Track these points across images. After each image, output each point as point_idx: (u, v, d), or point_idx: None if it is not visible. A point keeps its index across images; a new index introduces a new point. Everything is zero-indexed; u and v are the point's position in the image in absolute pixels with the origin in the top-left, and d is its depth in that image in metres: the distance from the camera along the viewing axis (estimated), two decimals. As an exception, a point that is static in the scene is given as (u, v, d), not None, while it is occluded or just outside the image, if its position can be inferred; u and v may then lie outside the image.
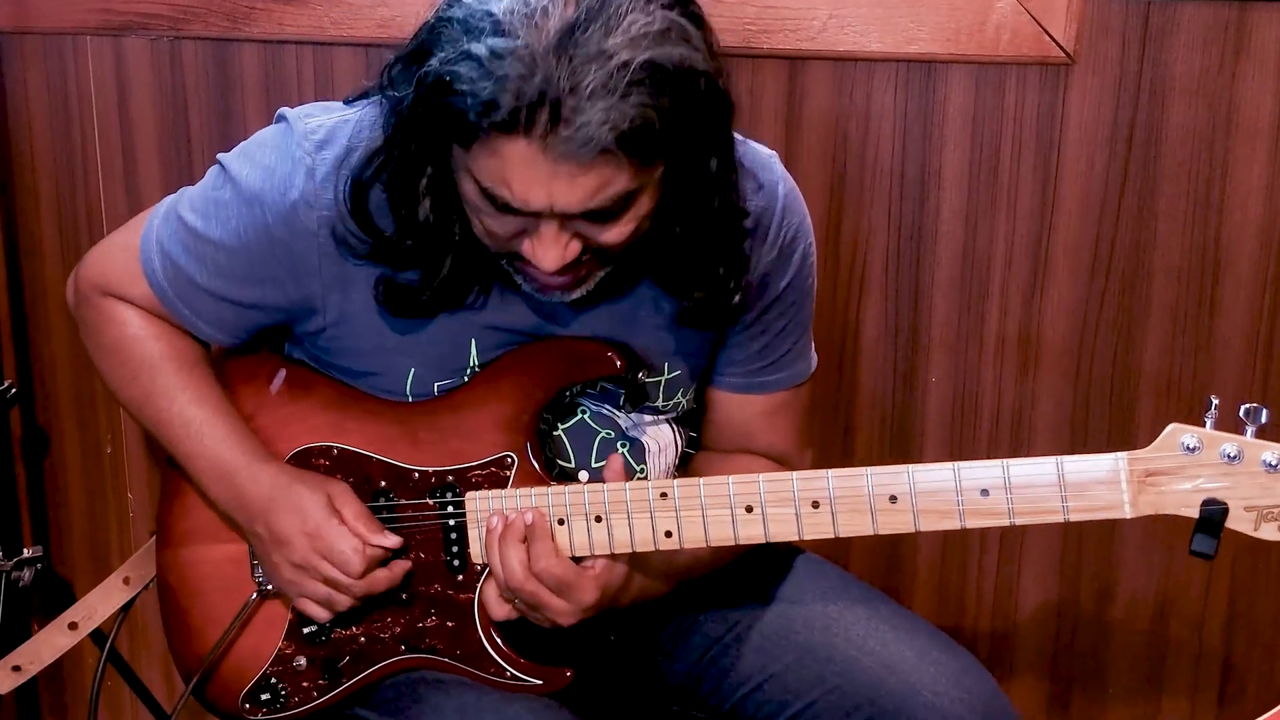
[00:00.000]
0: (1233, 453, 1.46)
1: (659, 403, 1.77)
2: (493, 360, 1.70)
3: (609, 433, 1.77)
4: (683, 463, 1.88)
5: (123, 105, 2.47)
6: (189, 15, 2.38)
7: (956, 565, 2.46)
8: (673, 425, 1.83)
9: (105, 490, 2.65)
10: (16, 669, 2.12)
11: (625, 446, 1.77)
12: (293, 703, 1.77)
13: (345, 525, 1.67)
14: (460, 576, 1.72)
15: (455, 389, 1.71)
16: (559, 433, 1.75)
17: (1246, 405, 1.46)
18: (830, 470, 1.57)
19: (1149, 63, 2.20)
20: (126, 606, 2.07)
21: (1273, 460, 1.46)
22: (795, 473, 1.58)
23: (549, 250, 1.49)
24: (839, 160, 2.31)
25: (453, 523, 1.71)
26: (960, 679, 1.71)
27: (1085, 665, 2.47)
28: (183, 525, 1.83)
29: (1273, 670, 2.41)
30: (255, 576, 1.78)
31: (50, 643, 2.11)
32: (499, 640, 1.71)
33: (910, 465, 1.54)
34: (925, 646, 1.74)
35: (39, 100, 2.48)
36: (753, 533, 1.60)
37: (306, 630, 1.76)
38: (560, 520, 1.64)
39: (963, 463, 1.53)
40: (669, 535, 1.62)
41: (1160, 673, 2.45)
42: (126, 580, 2.07)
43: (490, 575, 1.66)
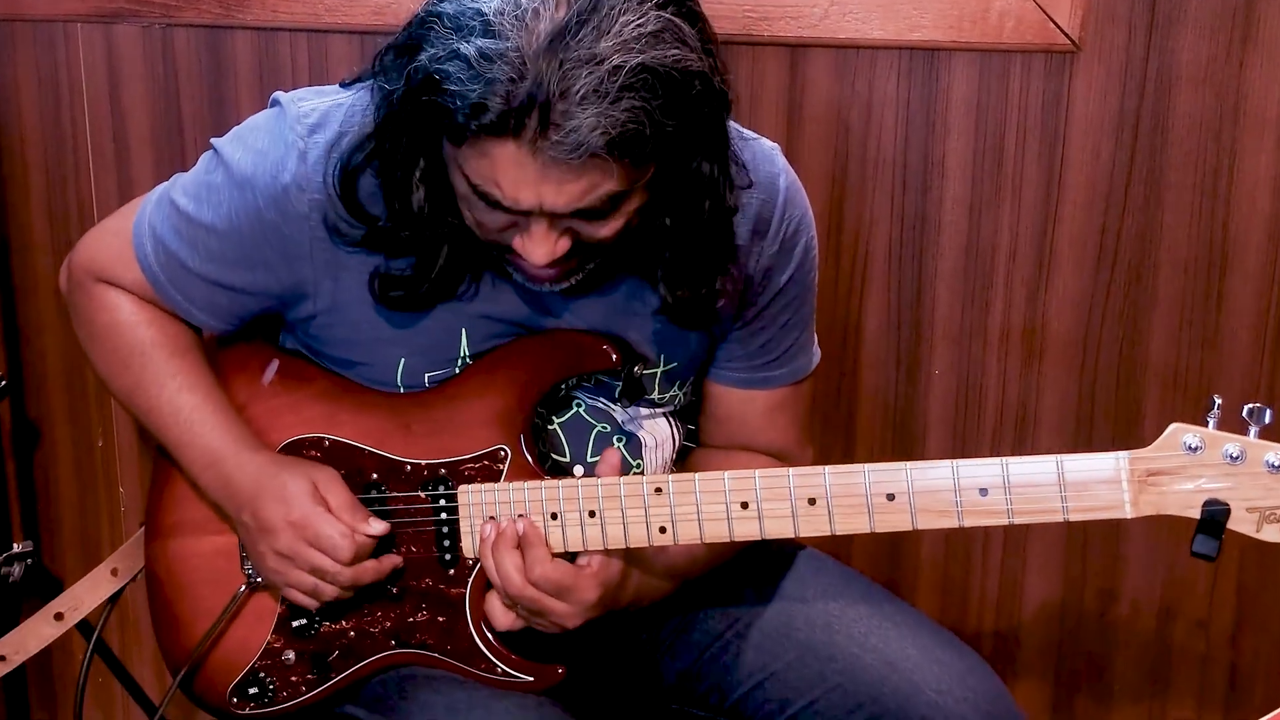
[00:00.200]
0: (1235, 453, 1.46)
1: (655, 394, 1.77)
2: (486, 352, 1.70)
3: (605, 426, 1.76)
4: (681, 457, 1.87)
5: (114, 94, 2.45)
6: (181, 2, 2.36)
7: (960, 561, 2.46)
8: (670, 419, 1.82)
9: (96, 485, 2.64)
10: (1, 659, 2.10)
11: (622, 441, 1.76)
12: (281, 697, 1.76)
13: (331, 513, 1.67)
14: (452, 571, 1.71)
15: (449, 380, 1.71)
16: (554, 427, 1.74)
17: (1250, 405, 1.45)
18: (827, 467, 1.56)
19: (1155, 51, 2.19)
20: (114, 598, 2.05)
21: (1276, 461, 1.45)
22: (792, 469, 1.58)
23: (539, 247, 1.49)
24: (840, 150, 2.30)
25: (445, 516, 1.70)
26: (965, 678, 1.70)
27: (1090, 664, 2.47)
28: (171, 517, 1.83)
29: (1281, 670, 2.42)
30: (244, 569, 1.77)
31: (36, 632, 2.09)
32: (490, 636, 1.70)
33: (908, 463, 1.54)
34: (929, 644, 1.73)
35: (29, 89, 2.47)
36: (748, 530, 1.59)
37: (295, 624, 1.75)
38: (553, 515, 1.63)
39: (961, 461, 1.52)
40: (663, 532, 1.61)
41: (1166, 672, 2.45)
42: (114, 571, 2.05)
43: (491, 585, 1.66)
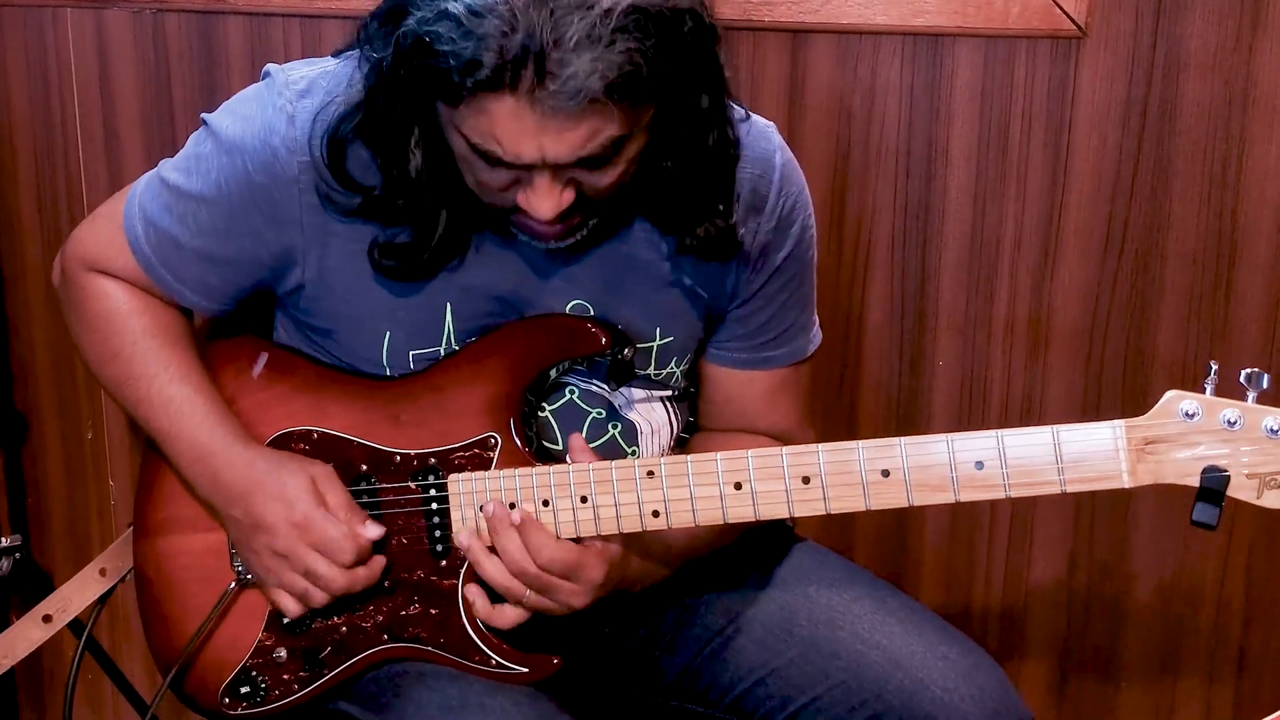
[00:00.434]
0: (1233, 419, 1.44)
1: (652, 371, 1.76)
2: (472, 331, 1.69)
3: (600, 412, 1.75)
4: (680, 447, 1.85)
5: (104, 80, 2.44)
6: (172, -14, 2.37)
7: (964, 551, 2.45)
8: (667, 405, 1.81)
9: (86, 478, 2.63)
10: (-11, 663, 2.09)
11: (617, 427, 1.76)
12: (273, 696, 1.75)
13: (331, 513, 1.66)
14: (444, 562, 1.70)
15: (437, 367, 1.70)
16: (546, 414, 1.74)
17: (1247, 370, 1.44)
18: (821, 445, 1.56)
19: (1163, 37, 2.18)
20: (103, 598, 2.04)
21: (1275, 426, 1.44)
22: (785, 447, 1.57)
23: (544, 200, 1.49)
24: (843, 138, 2.29)
25: (435, 506, 1.69)
26: (971, 675, 1.68)
27: (1096, 655, 2.46)
28: (160, 515, 1.82)
29: (1293, 659, 2.42)
30: (234, 566, 1.76)
31: (24, 636, 2.08)
32: (483, 627, 1.68)
33: (903, 438, 1.53)
34: (934, 641, 1.71)
35: (17, 75, 2.46)
36: (742, 512, 1.58)
37: (287, 621, 1.73)
38: (545, 502, 1.63)
39: (956, 434, 1.51)
40: (656, 516, 1.61)
41: (1175, 662, 2.44)
42: (103, 571, 2.03)
43: (482, 586, 1.65)
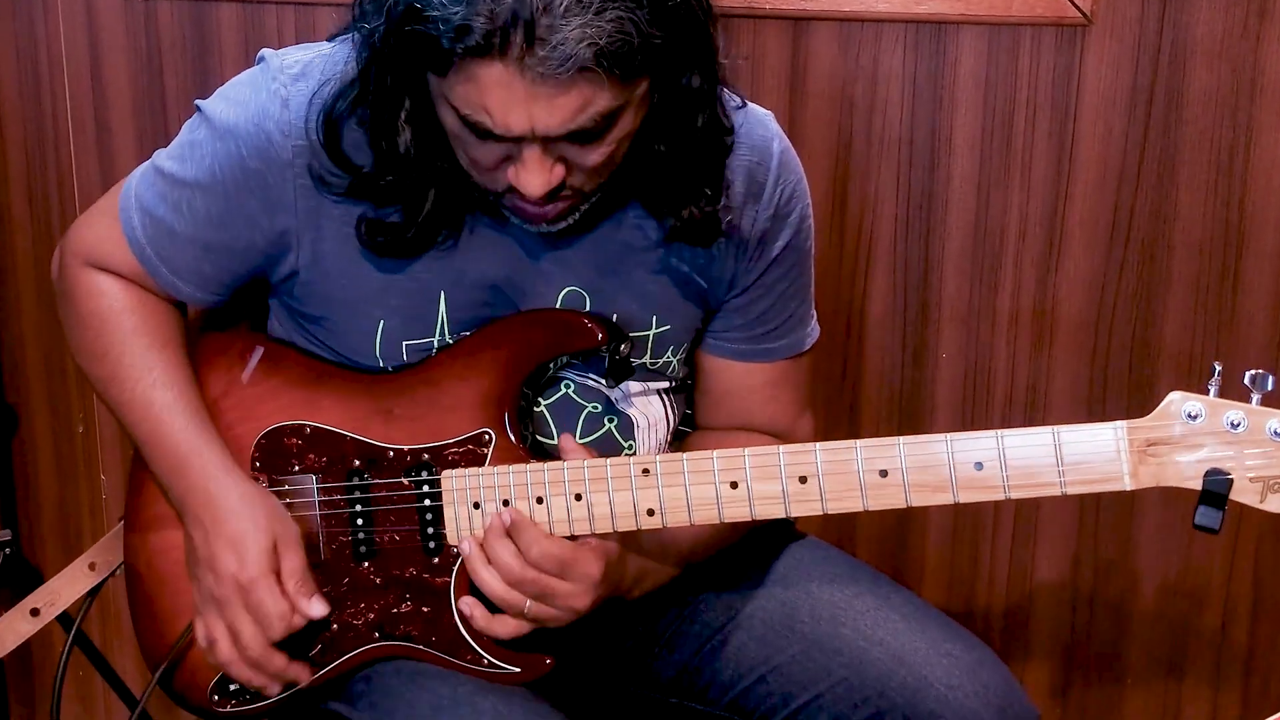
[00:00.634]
0: (1237, 421, 1.42)
1: (648, 360, 1.74)
2: (466, 322, 1.68)
3: (595, 406, 1.73)
4: (678, 440, 1.84)
5: (96, 69, 2.44)
6: (164, -26, 2.37)
7: (967, 549, 2.45)
8: (664, 398, 1.79)
9: (77, 473, 2.62)
10: (-25, 656, 2.09)
11: (613, 421, 1.74)
12: (264, 694, 1.73)
13: (280, 582, 1.66)
14: (436, 559, 1.68)
15: (431, 362, 1.69)
16: (541, 409, 1.72)
17: (1252, 371, 1.43)
18: (819, 444, 1.55)
19: (1169, 24, 2.17)
20: (93, 593, 2.02)
21: (1279, 428, 1.42)
22: (782, 446, 1.56)
23: (534, 176, 1.47)
24: (845, 126, 2.29)
25: (428, 503, 1.68)
26: (975, 672, 1.67)
27: (1102, 654, 2.46)
28: (151, 510, 1.80)
29: (1301, 659, 2.42)
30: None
31: (12, 629, 2.06)
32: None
33: (902, 438, 1.52)
34: (938, 638, 1.70)
35: (7, 64, 2.45)
36: (738, 511, 1.57)
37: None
38: (539, 499, 1.61)
39: (956, 434, 1.50)
40: (651, 514, 1.60)
41: (1181, 662, 2.44)
42: (92, 566, 2.02)
43: (480, 597, 1.64)
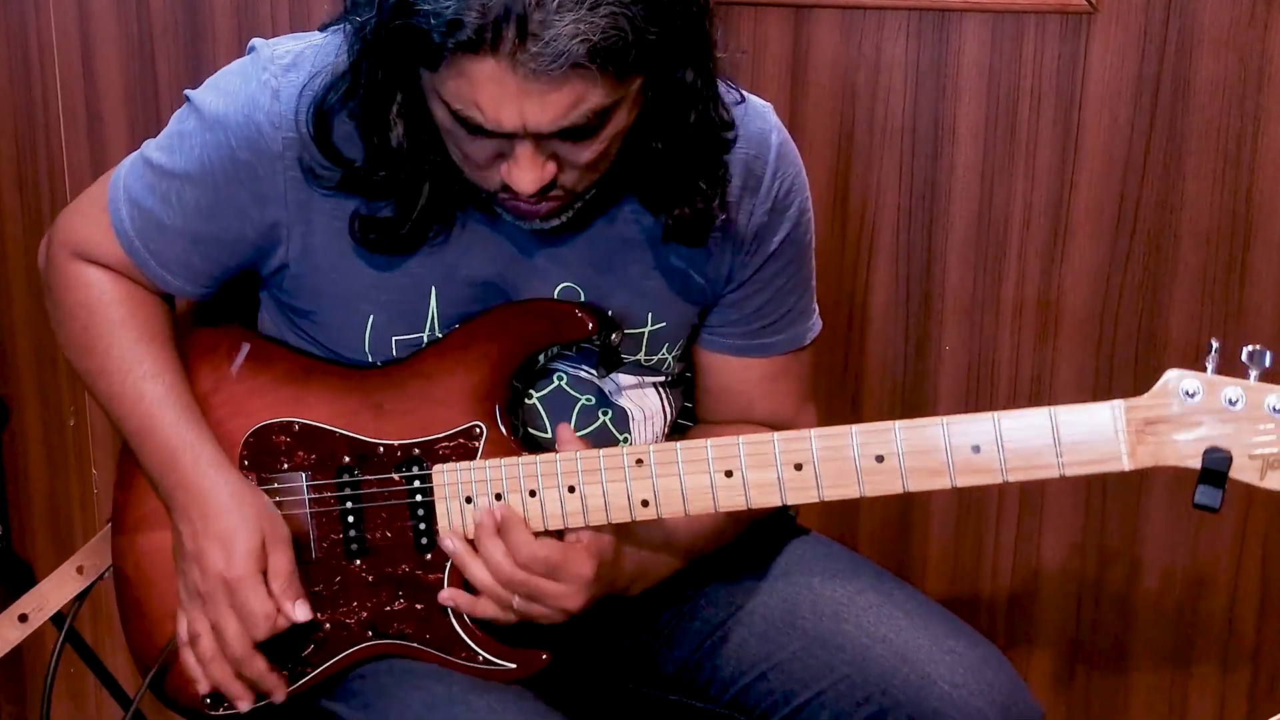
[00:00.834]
0: (1235, 398, 1.40)
1: (643, 356, 1.74)
2: (456, 317, 1.68)
3: (589, 398, 1.73)
4: (677, 434, 1.83)
5: (87, 56, 2.43)
6: (157, -39, 2.38)
7: (970, 542, 2.44)
8: (661, 391, 1.79)
9: (68, 467, 2.62)
10: (-36, 664, 2.07)
11: (608, 413, 1.74)
12: (255, 695, 1.72)
13: (266, 582, 1.66)
14: (429, 556, 1.67)
15: (420, 355, 1.68)
16: (533, 401, 1.72)
17: (1250, 348, 1.41)
18: (813, 430, 1.54)
19: (1175, 12, 2.16)
20: (81, 596, 2.01)
21: (1278, 404, 1.39)
22: (776, 433, 1.56)
23: (526, 173, 1.46)
24: (847, 115, 2.29)
25: (420, 499, 1.67)
26: (980, 669, 1.66)
27: (1107, 649, 2.45)
28: (140, 510, 1.79)
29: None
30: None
31: (0, 636, 2.05)
32: (470, 623, 1.67)
33: (897, 422, 1.51)
34: (941, 634, 1.69)
35: None
36: (734, 500, 1.56)
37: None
38: (531, 492, 1.61)
39: (952, 417, 1.49)
40: (646, 505, 1.59)
41: (1187, 653, 2.43)
42: (80, 569, 2.00)
43: (476, 597, 1.64)
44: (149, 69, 2.40)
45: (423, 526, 1.66)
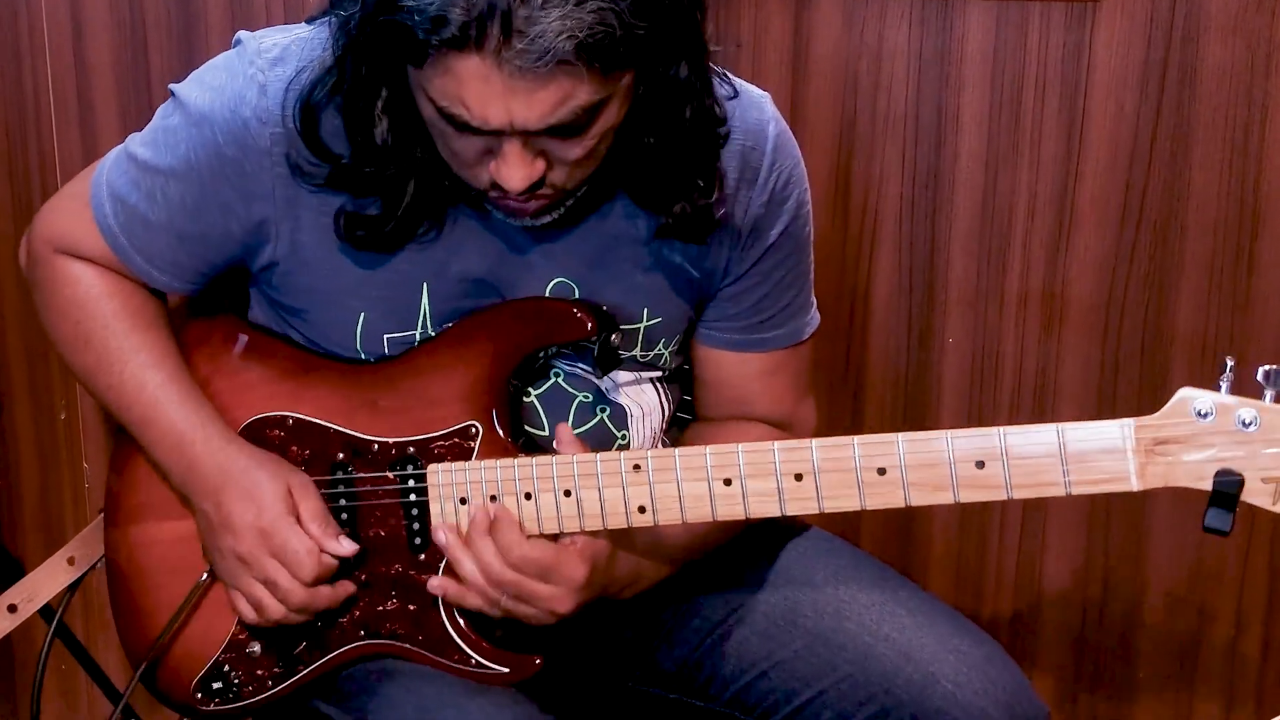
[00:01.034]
0: (1249, 420, 1.38)
1: (638, 352, 1.73)
2: (448, 314, 1.67)
3: (586, 396, 1.72)
4: (675, 426, 1.83)
5: (78, 46, 2.41)
6: (149, -52, 2.36)
7: (975, 542, 2.43)
8: (658, 386, 1.78)
9: (59, 460, 2.61)
10: (-47, 653, 2.06)
11: (605, 411, 1.73)
12: (246, 692, 1.73)
13: (301, 524, 1.65)
14: (422, 556, 1.66)
15: (416, 352, 1.67)
16: (530, 399, 1.71)
17: (1266, 368, 1.39)
18: (814, 440, 1.53)
19: None
20: (72, 588, 2.02)
21: None
22: (777, 442, 1.54)
23: (514, 170, 1.45)
24: (848, 104, 2.27)
25: (414, 498, 1.66)
26: (984, 668, 1.65)
27: (1113, 651, 2.44)
28: (132, 501, 1.79)
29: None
30: (206, 556, 1.73)
31: (-12, 626, 2.07)
32: (463, 624, 1.65)
33: (900, 434, 1.49)
34: (946, 633, 1.68)
35: None
36: (732, 509, 1.55)
37: (244, 620, 1.71)
38: (527, 495, 1.60)
39: (957, 431, 1.48)
40: (643, 511, 1.58)
41: (1194, 656, 2.42)
42: (71, 560, 2.01)
43: (464, 585, 1.63)
44: (141, 57, 2.38)
45: (416, 526, 1.66)
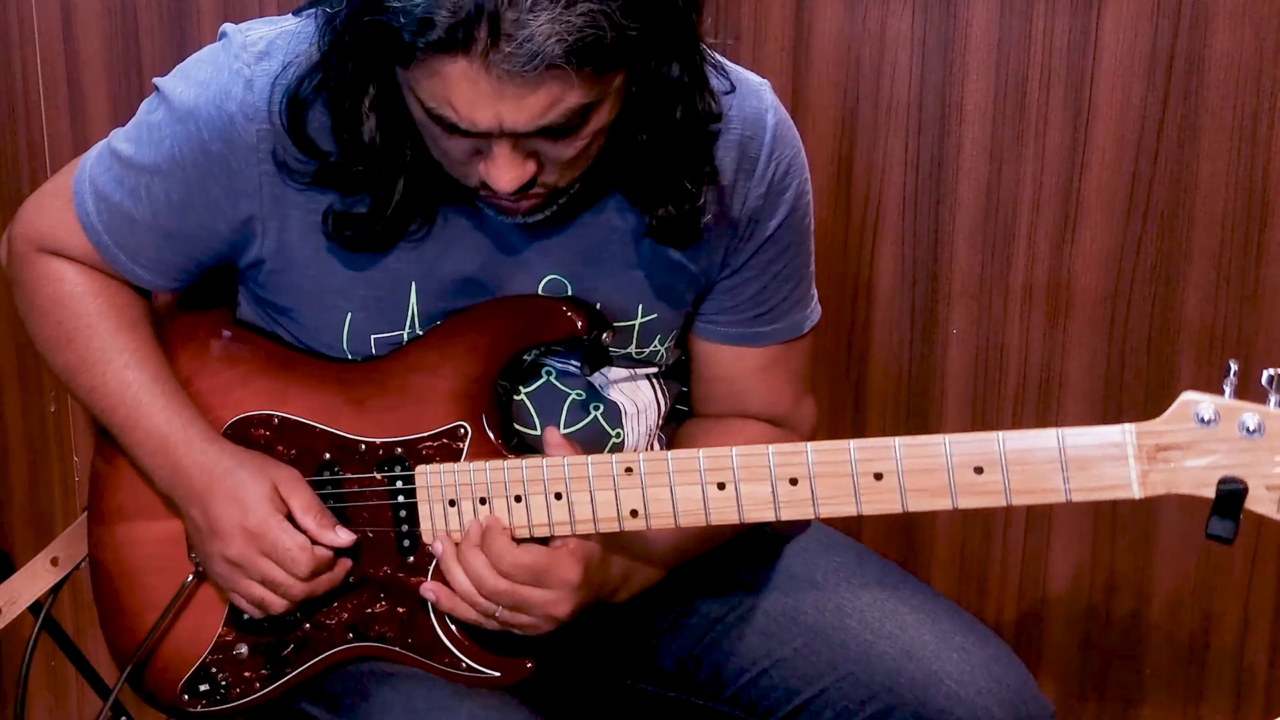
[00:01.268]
0: (1253, 426, 1.35)
1: (634, 350, 1.72)
2: (437, 315, 1.66)
3: (579, 393, 1.71)
4: (673, 420, 1.82)
5: (68, 33, 2.41)
6: (140, -66, 2.35)
7: (979, 537, 2.43)
8: (654, 382, 1.77)
9: (49, 454, 2.63)
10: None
11: (599, 409, 1.71)
12: (234, 694, 1.72)
13: (292, 520, 1.64)
14: (411, 558, 1.65)
15: (403, 351, 1.66)
16: (521, 397, 1.70)
17: (1271, 371, 1.36)
18: (810, 444, 1.51)
19: None
20: (56, 588, 2.00)
21: None
22: (772, 446, 1.53)
23: (504, 172, 1.44)
24: (851, 92, 2.27)
25: (402, 500, 1.65)
26: (988, 667, 1.64)
27: (1120, 648, 2.44)
28: (117, 499, 1.78)
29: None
30: (192, 556, 1.72)
31: (-28, 630, 2.08)
32: (453, 628, 1.64)
33: (898, 438, 1.48)
34: (949, 630, 1.67)
35: None
36: (726, 514, 1.54)
37: (248, 616, 1.70)
38: (517, 497, 1.58)
39: (955, 435, 1.46)
40: (635, 515, 1.56)
41: (1201, 655, 2.42)
42: (55, 561, 1.99)
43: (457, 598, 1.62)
44: (132, 47, 2.38)
45: (405, 528, 1.65)
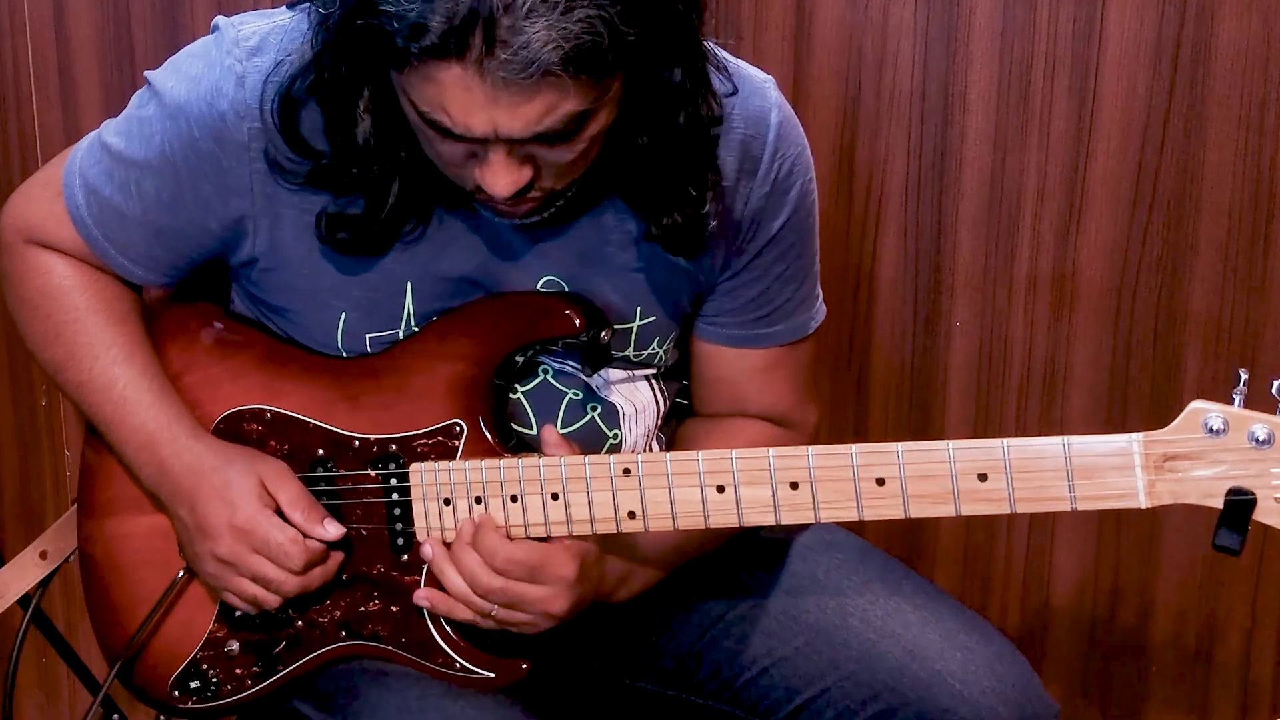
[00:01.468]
0: (1262, 436, 1.35)
1: (632, 352, 1.71)
2: (433, 313, 1.65)
3: (576, 393, 1.69)
4: (674, 417, 1.81)
5: (59, 21, 2.41)
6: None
7: (983, 535, 2.43)
8: (653, 383, 1.76)
9: (40, 448, 2.62)
10: (-79, 652, 2.08)
11: (597, 409, 1.70)
12: (225, 691, 1.71)
13: (281, 515, 1.63)
14: (405, 556, 1.64)
15: (399, 347, 1.66)
16: (517, 395, 1.68)
17: None
18: (811, 447, 1.51)
19: None
20: (45, 582, 1.98)
21: None
22: (772, 449, 1.52)
23: (500, 177, 1.43)
24: (853, 82, 2.27)
25: (396, 497, 1.64)
26: (993, 666, 1.63)
27: (1126, 646, 2.44)
28: (107, 492, 1.77)
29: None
30: (183, 555, 1.71)
31: (-42, 626, 2.03)
32: (448, 628, 1.63)
33: (901, 444, 1.47)
34: (953, 629, 1.66)
35: None
36: (725, 518, 1.53)
37: (239, 612, 1.69)
38: (513, 497, 1.58)
39: (959, 442, 1.45)
40: (633, 517, 1.55)
41: (1207, 654, 2.41)
42: (44, 554, 1.97)
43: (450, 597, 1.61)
44: (125, 33, 2.38)
45: (399, 527, 1.64)
